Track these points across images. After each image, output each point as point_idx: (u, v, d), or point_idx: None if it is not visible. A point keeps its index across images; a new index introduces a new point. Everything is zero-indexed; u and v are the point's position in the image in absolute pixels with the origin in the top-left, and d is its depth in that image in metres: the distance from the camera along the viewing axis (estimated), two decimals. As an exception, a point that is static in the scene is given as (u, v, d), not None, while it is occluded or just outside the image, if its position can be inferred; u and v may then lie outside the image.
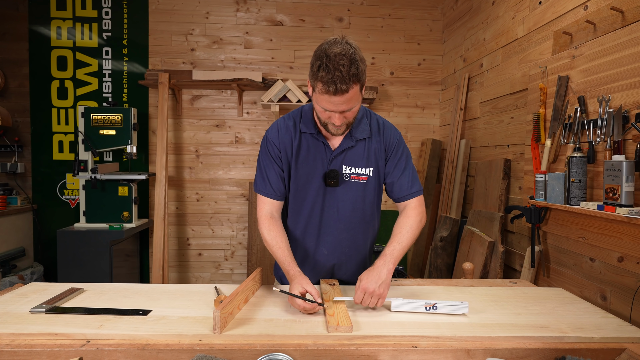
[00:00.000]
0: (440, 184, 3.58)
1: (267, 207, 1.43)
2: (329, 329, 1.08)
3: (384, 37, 3.84)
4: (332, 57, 1.16)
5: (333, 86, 1.16)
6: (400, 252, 1.33)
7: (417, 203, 1.44)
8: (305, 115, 1.43)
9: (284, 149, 1.42)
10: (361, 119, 1.42)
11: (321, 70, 1.17)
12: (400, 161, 1.45)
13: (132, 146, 3.26)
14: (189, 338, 1.05)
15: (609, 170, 1.53)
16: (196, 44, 3.74)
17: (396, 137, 1.46)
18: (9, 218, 3.37)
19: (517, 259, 2.44)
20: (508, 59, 2.62)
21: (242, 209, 3.84)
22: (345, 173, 1.42)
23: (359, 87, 1.22)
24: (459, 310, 1.21)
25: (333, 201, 1.43)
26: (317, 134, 1.40)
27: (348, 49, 1.18)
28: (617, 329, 1.13)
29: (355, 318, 1.18)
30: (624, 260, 1.59)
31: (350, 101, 1.22)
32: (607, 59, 1.66)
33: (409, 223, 1.38)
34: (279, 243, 1.37)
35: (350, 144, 1.40)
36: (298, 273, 1.29)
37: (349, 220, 1.45)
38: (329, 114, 1.26)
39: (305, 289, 1.21)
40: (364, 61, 1.22)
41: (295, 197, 1.45)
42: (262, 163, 1.45)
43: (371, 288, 1.21)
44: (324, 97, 1.21)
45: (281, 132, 1.42)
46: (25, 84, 3.63)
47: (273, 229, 1.39)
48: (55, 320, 1.13)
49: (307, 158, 1.41)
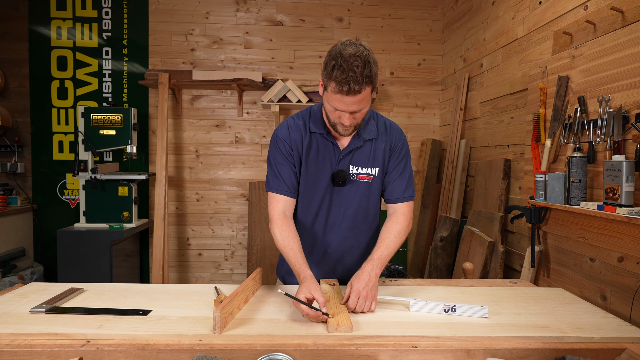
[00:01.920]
0: (440, 184, 3.58)
1: (280, 205, 1.42)
2: (329, 329, 1.08)
3: (384, 37, 3.84)
4: (346, 58, 1.18)
5: (346, 86, 1.18)
6: (387, 257, 1.36)
7: (407, 209, 1.46)
8: (315, 115, 1.44)
9: (295, 147, 1.43)
10: (369, 120, 1.45)
11: (335, 70, 1.19)
12: (400, 164, 1.47)
13: (132, 146, 3.26)
14: (189, 338, 1.05)
15: (609, 170, 1.53)
16: (196, 44, 3.74)
17: (401, 140, 1.48)
18: (9, 218, 3.37)
19: (517, 259, 2.44)
20: (508, 59, 2.62)
21: (242, 209, 3.84)
22: (353, 173, 1.44)
23: (371, 89, 1.24)
24: (478, 313, 1.20)
25: (340, 200, 1.46)
26: (327, 134, 1.42)
27: (362, 51, 1.20)
28: (617, 329, 1.13)
29: (355, 318, 1.18)
30: (624, 260, 1.59)
31: (361, 102, 1.24)
32: (607, 59, 1.66)
33: (396, 229, 1.41)
34: (290, 244, 1.34)
35: (358, 144, 1.42)
36: (309, 277, 1.26)
37: (354, 219, 1.48)
38: (339, 114, 1.28)
39: (313, 295, 1.18)
40: (376, 64, 1.24)
41: (304, 195, 1.47)
42: (274, 161, 1.44)
43: (364, 292, 1.23)
44: (337, 97, 1.23)
45: (292, 131, 1.44)
46: (25, 84, 3.63)
47: (285, 229, 1.37)
48: (55, 320, 1.13)
49: (316, 157, 1.43)
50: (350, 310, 1.22)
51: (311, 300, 1.18)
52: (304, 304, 1.14)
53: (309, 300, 1.18)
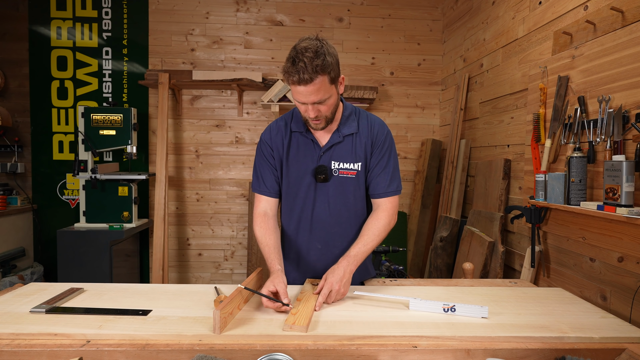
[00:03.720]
0: (440, 184, 3.58)
1: (262, 204, 1.52)
2: (283, 327, 1.09)
3: (384, 37, 3.84)
4: (298, 50, 1.24)
5: (296, 76, 1.23)
6: (365, 254, 1.40)
7: (390, 205, 1.47)
8: (296, 115, 1.49)
9: (276, 148, 1.49)
10: (349, 116, 1.48)
11: (288, 62, 1.25)
12: (383, 158, 1.48)
13: (132, 146, 3.26)
14: (189, 338, 1.05)
15: (609, 170, 1.53)
16: (196, 44, 3.74)
17: (383, 134, 1.49)
18: (9, 218, 3.37)
19: (517, 259, 2.44)
20: (508, 59, 2.62)
21: (242, 209, 3.84)
22: (334, 168, 1.46)
23: (328, 80, 1.27)
24: (478, 314, 1.19)
25: (324, 196, 1.48)
26: (307, 132, 1.46)
27: (315, 44, 1.25)
28: (617, 329, 1.13)
29: (354, 317, 1.18)
30: (624, 260, 1.59)
31: (318, 92, 1.27)
32: (607, 59, 1.66)
33: (376, 226, 1.43)
34: (266, 240, 1.43)
35: (337, 140, 1.45)
36: (276, 271, 1.34)
37: (340, 215, 1.49)
38: (305, 108, 1.32)
39: (276, 287, 1.24)
40: (333, 55, 1.28)
41: (288, 194, 1.51)
42: (257, 163, 1.54)
43: (337, 286, 1.28)
44: (294, 89, 1.28)
45: (273, 133, 1.50)
46: (25, 84, 3.63)
47: (264, 226, 1.47)
48: (55, 320, 1.13)
49: (297, 155, 1.47)
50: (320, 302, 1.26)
51: (274, 292, 1.24)
52: (264, 296, 1.21)
53: (273, 292, 1.24)
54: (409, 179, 3.91)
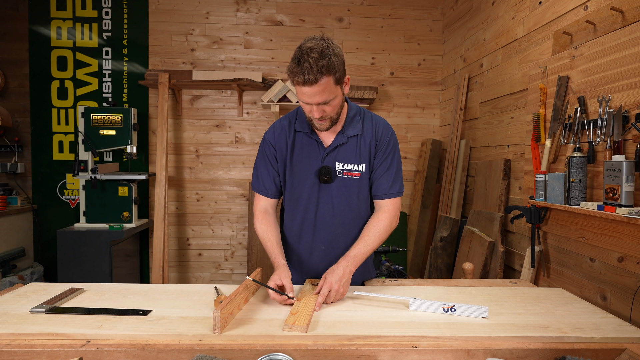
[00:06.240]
0: (440, 184, 3.58)
1: (262, 202, 1.54)
2: (283, 327, 1.09)
3: (384, 37, 3.84)
4: (304, 51, 1.23)
5: (301, 76, 1.22)
6: (365, 255, 1.40)
7: (392, 206, 1.47)
8: (301, 115, 1.48)
9: (280, 148, 1.48)
10: (354, 117, 1.47)
11: (293, 63, 1.24)
12: (387, 159, 1.47)
13: (132, 146, 3.26)
14: (189, 338, 1.05)
15: (609, 171, 1.53)
16: (196, 44, 3.74)
17: (388, 135, 1.48)
18: (9, 218, 3.37)
19: (517, 259, 2.44)
20: (508, 59, 2.62)
21: (242, 209, 3.84)
22: (339, 169, 1.45)
23: (333, 80, 1.26)
24: (478, 313, 1.19)
25: (327, 197, 1.47)
26: (311, 132, 1.45)
27: (321, 44, 1.24)
28: (617, 329, 1.13)
29: (354, 317, 1.18)
30: (624, 260, 1.59)
31: (323, 93, 1.26)
32: (607, 59, 1.66)
33: (377, 227, 1.43)
34: (268, 236, 1.45)
35: (342, 141, 1.44)
36: (282, 265, 1.36)
37: (344, 216, 1.49)
38: (309, 108, 1.32)
39: (282, 282, 1.27)
40: (338, 56, 1.27)
41: (291, 194, 1.50)
42: (258, 163, 1.54)
43: (336, 286, 1.28)
44: (299, 90, 1.27)
45: (277, 132, 1.49)
46: (25, 84, 3.63)
47: (265, 223, 1.48)
48: (55, 320, 1.13)
49: (301, 156, 1.46)
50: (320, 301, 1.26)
51: (280, 286, 1.27)
52: (271, 289, 1.25)
53: (279, 286, 1.27)
54: (409, 179, 3.91)
